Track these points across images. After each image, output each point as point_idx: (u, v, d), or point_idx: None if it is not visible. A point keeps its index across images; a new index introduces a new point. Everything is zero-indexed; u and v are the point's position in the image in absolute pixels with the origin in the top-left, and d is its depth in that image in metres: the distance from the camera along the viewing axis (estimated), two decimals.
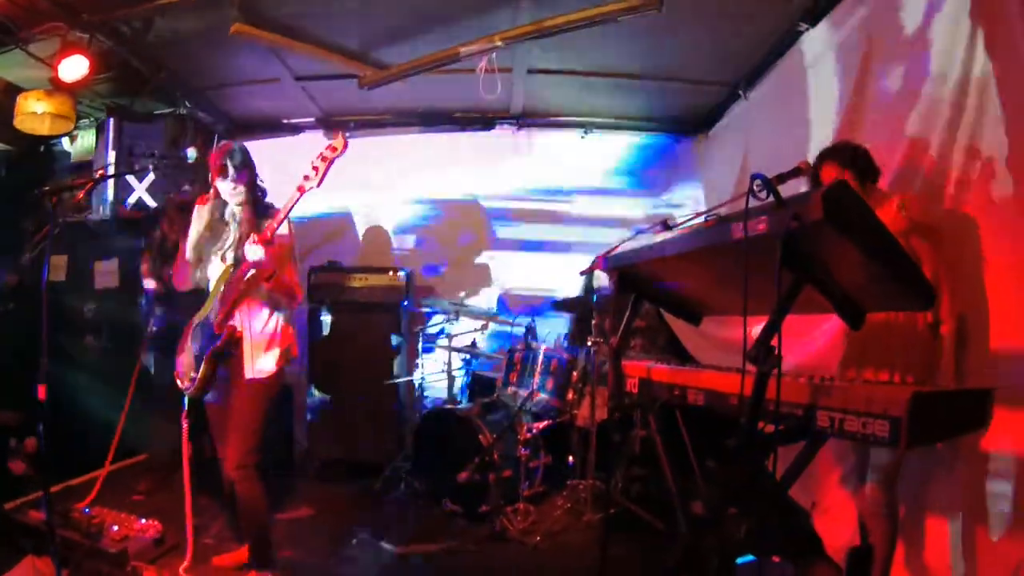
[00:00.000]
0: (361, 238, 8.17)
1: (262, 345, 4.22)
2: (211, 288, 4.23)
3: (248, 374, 4.14)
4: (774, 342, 2.18)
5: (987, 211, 3.49)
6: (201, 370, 4.07)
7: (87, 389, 6.32)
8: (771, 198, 2.19)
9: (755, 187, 2.23)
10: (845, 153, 3.83)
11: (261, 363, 4.19)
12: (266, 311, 4.26)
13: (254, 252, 3.83)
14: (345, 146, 3.90)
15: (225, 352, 4.10)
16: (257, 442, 4.11)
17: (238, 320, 4.16)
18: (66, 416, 5.24)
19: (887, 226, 2.20)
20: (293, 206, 3.90)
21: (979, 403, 2.37)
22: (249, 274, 4.01)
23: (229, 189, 4.16)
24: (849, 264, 2.24)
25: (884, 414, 2.04)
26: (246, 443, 4.08)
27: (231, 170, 4.11)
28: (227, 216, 4.25)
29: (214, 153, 4.22)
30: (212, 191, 4.25)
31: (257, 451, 4.10)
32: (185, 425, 4.25)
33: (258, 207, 4.26)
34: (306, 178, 3.85)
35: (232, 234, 4.22)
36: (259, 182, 4.32)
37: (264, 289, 4.10)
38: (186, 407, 4.25)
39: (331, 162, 3.86)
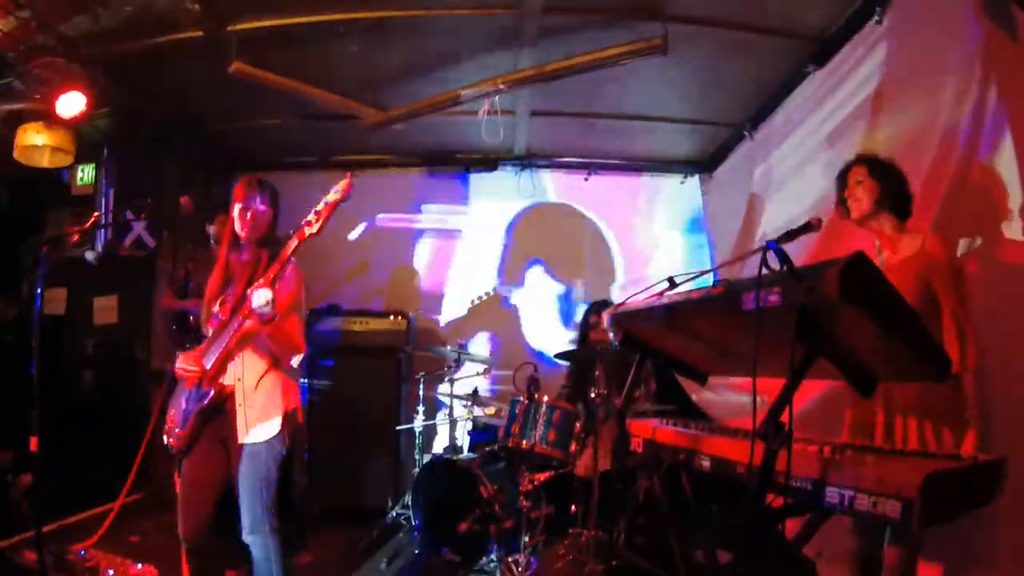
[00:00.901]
0: (363, 280, 8.09)
1: (257, 406, 3.82)
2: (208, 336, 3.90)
3: (241, 438, 3.76)
4: (784, 417, 2.11)
5: (999, 255, 3.43)
6: (187, 428, 3.76)
7: (84, 425, 6.25)
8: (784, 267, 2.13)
9: (767, 256, 2.16)
10: (873, 159, 3.67)
11: (259, 430, 3.80)
12: (263, 364, 3.87)
13: (261, 296, 3.49)
14: (349, 190, 3.68)
15: (213, 411, 3.77)
16: (269, 504, 3.79)
17: (231, 374, 3.81)
18: (63, 453, 5.17)
19: (908, 261, 2.12)
20: (292, 254, 3.64)
21: (994, 474, 2.28)
22: (247, 322, 3.67)
23: (251, 222, 3.88)
24: (864, 336, 2.16)
25: (896, 495, 1.94)
26: (255, 507, 3.75)
27: (260, 198, 3.90)
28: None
29: (244, 180, 3.97)
30: (227, 229, 3.98)
31: (271, 514, 3.79)
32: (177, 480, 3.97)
33: (271, 248, 3.86)
34: (307, 224, 3.62)
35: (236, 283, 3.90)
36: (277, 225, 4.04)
37: (263, 338, 3.74)
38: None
39: (334, 207, 3.64)
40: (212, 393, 3.72)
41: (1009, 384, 3.36)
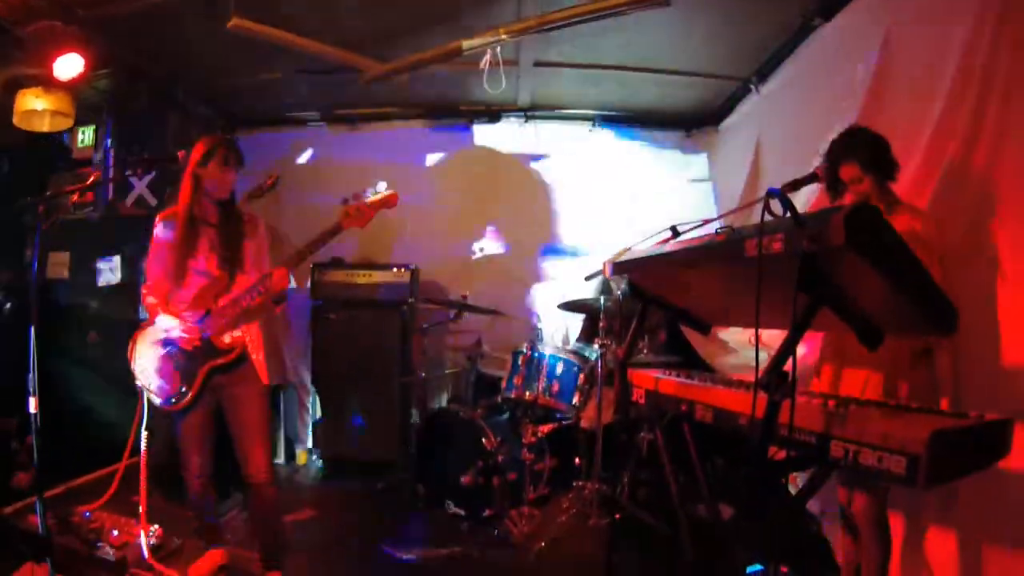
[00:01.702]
0: (364, 233, 8.01)
1: (263, 352, 4.21)
2: (181, 295, 4.07)
3: (265, 380, 4.15)
4: (787, 367, 2.08)
5: (1008, 220, 3.36)
6: (196, 384, 3.96)
7: (90, 387, 6.26)
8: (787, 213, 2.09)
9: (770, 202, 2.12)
10: (865, 151, 3.58)
11: (268, 370, 4.20)
12: (258, 321, 4.24)
13: (287, 282, 3.96)
14: (394, 202, 4.30)
15: (228, 366, 4.02)
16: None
17: (243, 333, 4.10)
18: (69, 415, 5.17)
19: None
20: (327, 241, 4.05)
21: (998, 434, 2.25)
22: (261, 293, 3.95)
23: (229, 181, 4.11)
24: (870, 288, 2.12)
25: (902, 450, 1.91)
26: (269, 450, 4.18)
27: (235, 159, 4.10)
28: (196, 215, 4.12)
29: (207, 139, 4.12)
30: (188, 186, 4.09)
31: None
32: (146, 435, 4.21)
33: (237, 211, 4.26)
34: (348, 216, 4.08)
35: (207, 236, 4.12)
36: None
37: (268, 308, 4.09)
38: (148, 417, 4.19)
39: (378, 209, 4.17)
40: (236, 349, 4.01)
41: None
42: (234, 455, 4.12)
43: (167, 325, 4.00)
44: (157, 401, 4.05)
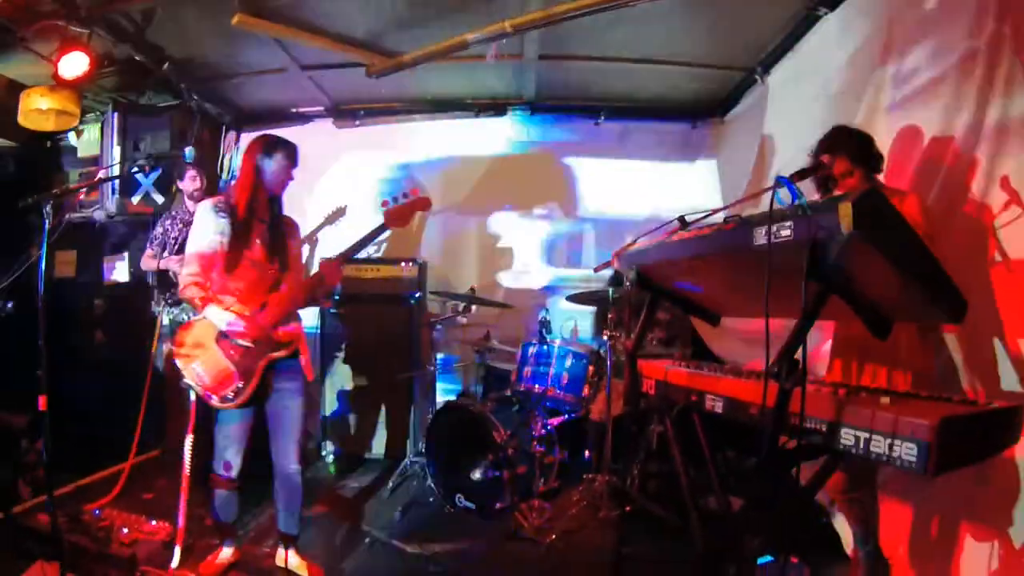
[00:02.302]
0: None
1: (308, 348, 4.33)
2: (231, 287, 4.01)
3: (311, 376, 4.29)
4: (798, 355, 2.08)
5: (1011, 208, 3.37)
6: (255, 379, 3.95)
7: (97, 385, 6.28)
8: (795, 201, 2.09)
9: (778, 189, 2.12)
10: (851, 145, 3.66)
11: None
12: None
13: (338, 275, 4.20)
14: (428, 207, 4.54)
15: (283, 360, 4.10)
16: None
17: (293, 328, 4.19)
18: (76, 414, 5.19)
19: None
20: (373, 240, 4.26)
21: (1008, 421, 2.25)
22: (315, 287, 4.17)
23: (289, 177, 4.20)
24: (878, 275, 2.12)
25: (912, 437, 1.92)
26: (301, 436, 4.28)
27: (297, 158, 4.20)
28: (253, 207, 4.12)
29: (266, 135, 4.20)
30: (250, 177, 4.08)
31: None
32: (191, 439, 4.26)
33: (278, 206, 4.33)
34: (391, 217, 4.29)
35: (259, 229, 4.11)
36: None
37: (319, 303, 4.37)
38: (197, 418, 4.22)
39: (415, 210, 4.38)
40: (293, 344, 4.11)
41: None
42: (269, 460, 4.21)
43: (222, 319, 3.92)
44: (213, 400, 3.94)
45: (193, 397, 4.05)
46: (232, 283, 3.99)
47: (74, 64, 5.27)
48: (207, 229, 3.98)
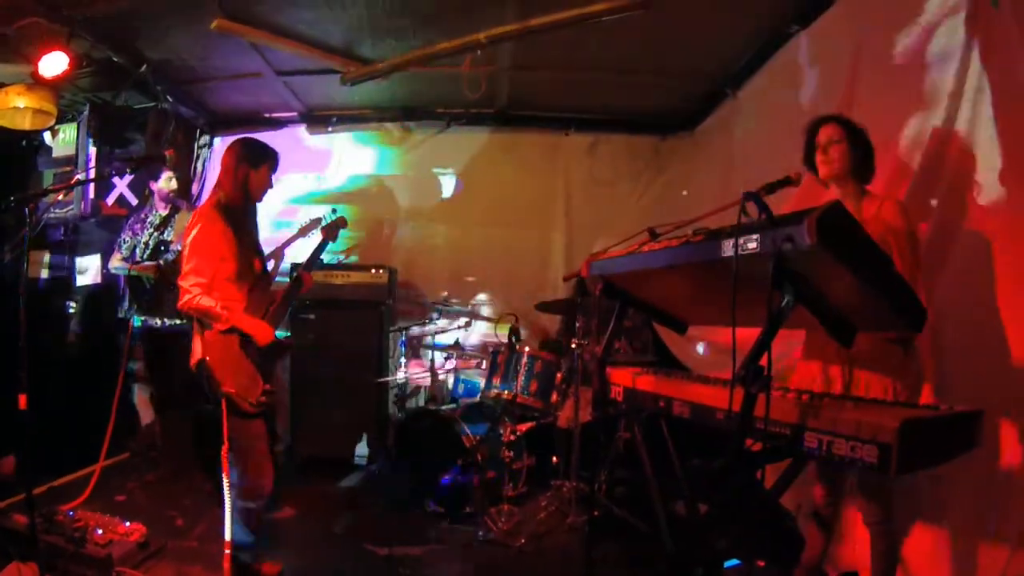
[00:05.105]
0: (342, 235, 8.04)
1: None
2: (238, 294, 4.04)
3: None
4: (763, 362, 2.16)
5: (977, 219, 3.47)
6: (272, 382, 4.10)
7: (70, 386, 6.25)
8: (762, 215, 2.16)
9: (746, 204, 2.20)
10: (839, 117, 3.70)
11: None
12: None
13: (311, 282, 4.43)
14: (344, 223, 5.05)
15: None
16: None
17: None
18: (49, 415, 5.16)
19: (867, 224, 2.16)
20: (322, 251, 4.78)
21: (969, 426, 2.33)
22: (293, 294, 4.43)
23: (268, 187, 4.24)
24: (841, 285, 2.21)
25: (873, 439, 1.99)
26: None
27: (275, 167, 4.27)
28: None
29: (248, 141, 4.21)
30: (239, 183, 4.10)
31: None
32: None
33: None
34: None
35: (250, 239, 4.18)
36: None
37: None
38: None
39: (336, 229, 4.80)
40: (293, 345, 4.07)
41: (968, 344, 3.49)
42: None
43: (248, 325, 3.99)
44: (247, 404, 3.94)
45: (226, 406, 3.93)
46: (239, 291, 4.03)
47: (54, 63, 5.25)
48: (211, 236, 3.94)
